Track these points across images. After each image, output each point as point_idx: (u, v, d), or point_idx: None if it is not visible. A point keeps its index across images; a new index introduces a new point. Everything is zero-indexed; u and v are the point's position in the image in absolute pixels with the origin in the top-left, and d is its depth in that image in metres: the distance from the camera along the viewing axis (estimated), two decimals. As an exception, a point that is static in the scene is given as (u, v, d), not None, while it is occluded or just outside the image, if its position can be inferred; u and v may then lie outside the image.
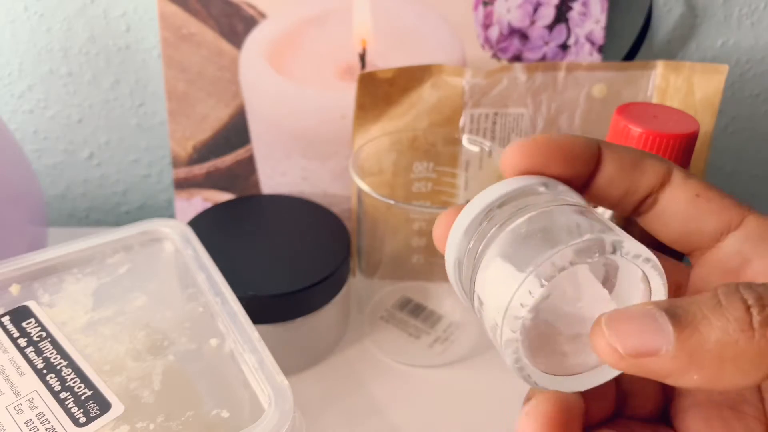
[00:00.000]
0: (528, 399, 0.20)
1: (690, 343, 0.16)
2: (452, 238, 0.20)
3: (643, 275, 0.19)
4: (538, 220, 0.19)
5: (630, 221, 0.22)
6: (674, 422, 0.21)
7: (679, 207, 0.20)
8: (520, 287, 0.17)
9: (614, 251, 0.18)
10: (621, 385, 0.22)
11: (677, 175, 0.20)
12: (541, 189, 0.20)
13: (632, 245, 0.18)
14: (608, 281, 0.19)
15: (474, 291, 0.20)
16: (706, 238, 0.21)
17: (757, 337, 0.16)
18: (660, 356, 0.16)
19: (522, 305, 0.17)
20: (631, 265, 0.18)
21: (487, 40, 0.46)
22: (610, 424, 0.22)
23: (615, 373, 0.20)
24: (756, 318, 0.16)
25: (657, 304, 0.17)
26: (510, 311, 0.18)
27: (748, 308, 0.16)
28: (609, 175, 0.20)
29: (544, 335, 0.19)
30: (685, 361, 0.16)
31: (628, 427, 0.21)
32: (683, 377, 0.16)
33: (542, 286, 0.17)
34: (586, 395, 0.20)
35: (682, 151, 0.32)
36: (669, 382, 0.17)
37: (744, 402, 0.20)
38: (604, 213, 0.35)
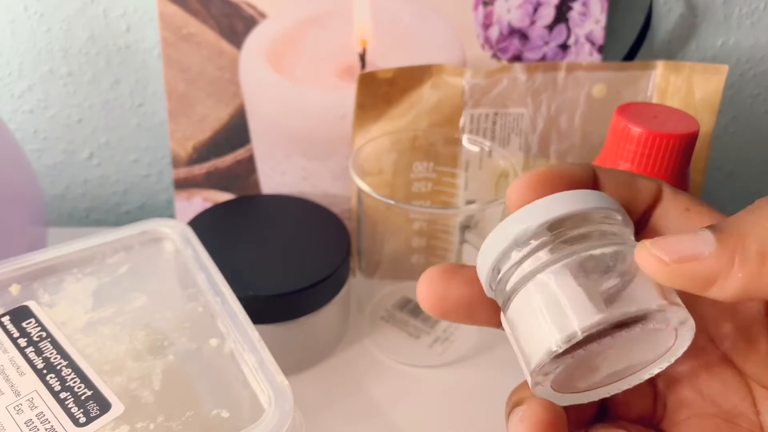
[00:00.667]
0: (516, 404, 0.20)
1: (731, 242, 0.17)
2: (490, 248, 0.20)
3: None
4: (621, 259, 0.19)
5: None
6: None
7: (671, 222, 0.21)
8: (581, 330, 0.18)
9: (677, 324, 0.19)
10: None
11: (667, 191, 0.21)
12: (619, 217, 0.20)
13: (681, 313, 0.19)
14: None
15: (517, 290, 0.19)
16: None
17: None
18: (703, 259, 0.17)
19: (568, 342, 0.18)
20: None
21: (487, 40, 0.46)
22: (604, 423, 0.22)
23: (606, 394, 0.20)
24: None
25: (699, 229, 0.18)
26: (562, 344, 0.18)
27: None
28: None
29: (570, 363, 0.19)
30: (728, 258, 0.17)
31: (619, 425, 0.21)
32: (728, 279, 0.17)
33: (600, 336, 0.18)
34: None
35: (682, 151, 0.32)
36: (714, 291, 0.17)
37: (739, 415, 0.20)
38: None
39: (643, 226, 0.21)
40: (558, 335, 0.18)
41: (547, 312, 0.18)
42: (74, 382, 0.26)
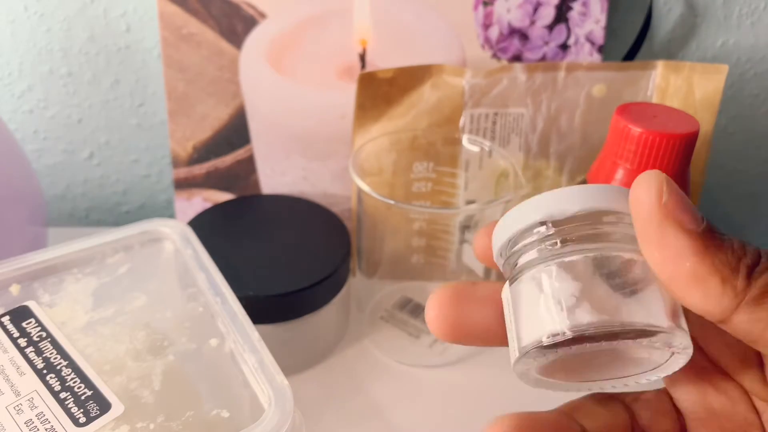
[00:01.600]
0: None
1: (709, 241, 0.18)
2: (514, 219, 0.19)
3: None
4: (641, 267, 0.19)
5: None
6: None
7: None
8: (573, 330, 0.18)
9: (678, 348, 0.19)
10: (638, 420, 0.22)
11: None
12: (611, 219, 0.19)
13: (685, 340, 0.18)
14: None
15: (526, 269, 0.19)
16: None
17: (741, 286, 0.17)
18: (683, 231, 0.18)
19: (555, 338, 0.18)
20: None
21: (487, 40, 0.46)
22: None
23: (588, 390, 0.20)
24: (757, 282, 0.17)
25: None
26: (551, 338, 0.18)
27: (759, 263, 0.18)
28: None
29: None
30: (695, 247, 0.17)
31: None
32: (680, 256, 0.17)
33: (596, 339, 0.18)
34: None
35: (682, 151, 0.32)
36: (664, 250, 0.18)
37: (751, 426, 0.21)
38: None
39: None
40: (549, 328, 0.18)
41: (547, 302, 0.18)
42: (74, 382, 0.26)
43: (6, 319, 0.28)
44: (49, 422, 0.25)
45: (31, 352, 0.27)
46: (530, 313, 0.19)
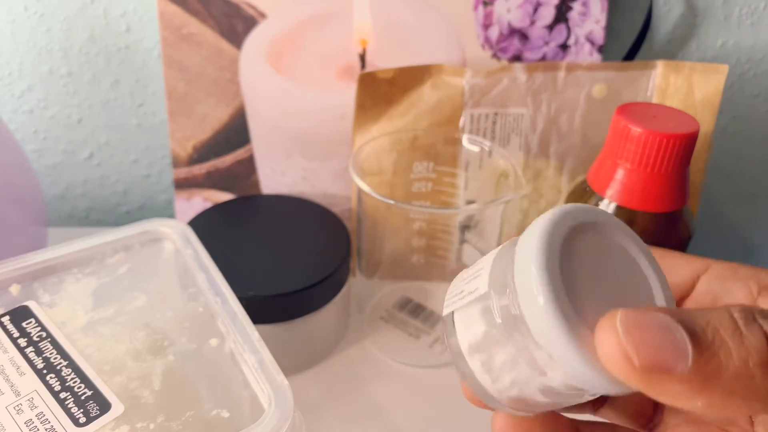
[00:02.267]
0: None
1: (708, 369, 0.15)
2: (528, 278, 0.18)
3: None
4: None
5: None
6: None
7: None
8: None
9: None
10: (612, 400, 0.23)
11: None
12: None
13: None
14: None
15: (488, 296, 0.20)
16: (683, 287, 0.22)
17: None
18: (674, 375, 0.15)
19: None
20: None
21: (487, 40, 0.46)
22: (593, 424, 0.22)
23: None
24: None
25: (671, 313, 0.15)
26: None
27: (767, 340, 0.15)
28: None
29: None
30: (698, 386, 0.15)
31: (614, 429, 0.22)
32: (689, 401, 0.15)
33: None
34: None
35: (682, 151, 0.32)
36: (670, 402, 0.15)
37: (732, 424, 0.21)
38: None
39: None
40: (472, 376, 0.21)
41: (483, 345, 0.20)
42: (74, 382, 0.26)
43: (6, 319, 0.28)
44: (49, 422, 0.25)
45: (31, 352, 0.27)
46: (469, 323, 0.21)
